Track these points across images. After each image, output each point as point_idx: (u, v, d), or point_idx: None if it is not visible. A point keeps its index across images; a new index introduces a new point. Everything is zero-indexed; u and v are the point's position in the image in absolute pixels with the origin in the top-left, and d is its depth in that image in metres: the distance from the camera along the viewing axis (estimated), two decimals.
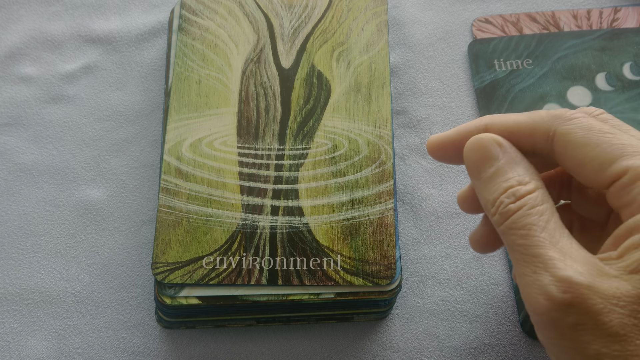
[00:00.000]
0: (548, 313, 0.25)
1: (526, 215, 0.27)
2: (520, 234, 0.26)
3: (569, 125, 0.28)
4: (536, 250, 0.26)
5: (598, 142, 0.27)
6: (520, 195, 0.27)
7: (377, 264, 0.35)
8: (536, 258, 0.25)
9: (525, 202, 0.27)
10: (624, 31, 0.44)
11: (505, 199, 0.27)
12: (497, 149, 0.29)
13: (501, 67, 0.44)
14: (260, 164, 0.37)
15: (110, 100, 0.43)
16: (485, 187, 0.28)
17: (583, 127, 0.28)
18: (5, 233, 0.39)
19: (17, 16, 0.46)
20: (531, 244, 0.26)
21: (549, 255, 0.25)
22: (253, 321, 0.36)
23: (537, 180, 0.28)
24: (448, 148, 0.31)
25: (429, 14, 0.46)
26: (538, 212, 0.27)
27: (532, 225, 0.26)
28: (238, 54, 0.41)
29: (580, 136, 0.27)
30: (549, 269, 0.25)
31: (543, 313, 0.25)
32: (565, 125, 0.28)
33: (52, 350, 0.36)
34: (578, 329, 0.24)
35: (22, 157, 0.41)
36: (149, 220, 0.40)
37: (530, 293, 0.25)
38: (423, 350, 0.36)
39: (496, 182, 0.28)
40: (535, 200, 0.27)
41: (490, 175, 0.28)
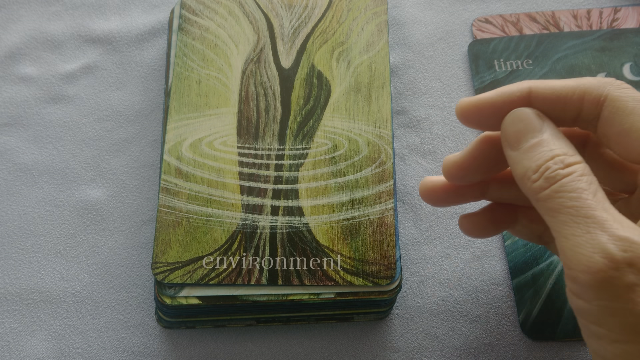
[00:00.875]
0: (605, 271, 0.24)
1: (577, 180, 0.26)
2: (570, 196, 0.26)
3: (621, 92, 0.27)
4: (590, 211, 0.25)
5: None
6: (569, 163, 0.27)
7: (377, 264, 0.35)
8: (590, 219, 0.25)
9: (574, 170, 0.26)
10: (624, 32, 0.44)
11: (553, 164, 0.27)
12: (540, 122, 0.28)
13: (501, 68, 0.44)
14: (260, 164, 0.37)
15: (110, 100, 0.43)
16: (527, 155, 0.28)
17: (635, 97, 0.27)
18: (5, 233, 0.39)
19: (17, 16, 0.46)
20: (584, 206, 0.25)
21: (603, 216, 0.25)
22: (253, 321, 0.36)
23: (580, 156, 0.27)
24: (486, 111, 0.30)
25: (429, 14, 0.46)
26: (587, 180, 0.26)
27: (584, 189, 0.26)
28: (238, 54, 0.41)
29: (631, 105, 0.27)
30: (606, 229, 0.24)
31: (599, 272, 0.24)
32: (618, 91, 0.27)
33: (52, 350, 0.36)
34: (636, 290, 0.24)
35: (22, 157, 0.41)
36: (149, 220, 0.40)
37: (582, 252, 0.25)
38: (423, 350, 0.36)
39: (540, 150, 0.27)
40: (584, 170, 0.26)
41: (533, 145, 0.28)
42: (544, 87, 0.29)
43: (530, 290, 0.37)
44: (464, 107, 0.30)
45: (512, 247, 0.39)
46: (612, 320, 0.25)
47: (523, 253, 0.38)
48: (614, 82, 0.28)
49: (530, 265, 0.38)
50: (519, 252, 0.38)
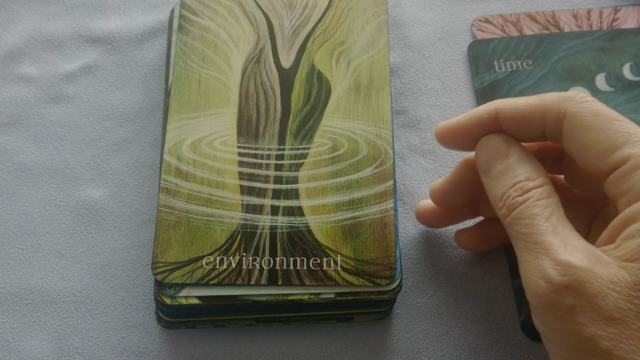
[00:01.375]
0: (547, 295, 0.26)
1: (531, 206, 0.27)
2: (524, 223, 0.27)
3: (579, 107, 0.28)
4: (539, 237, 0.26)
5: (604, 128, 0.28)
6: (527, 189, 0.28)
7: (377, 263, 0.35)
8: (538, 245, 0.26)
9: (531, 195, 0.28)
10: (624, 32, 0.44)
11: (513, 192, 0.28)
12: (507, 147, 0.30)
13: (501, 68, 0.44)
14: (260, 163, 0.37)
15: (110, 100, 0.43)
16: (495, 183, 0.29)
17: (592, 112, 0.28)
18: (5, 233, 0.39)
19: (17, 16, 0.46)
20: (534, 232, 0.27)
21: (550, 241, 0.26)
22: (253, 321, 0.36)
23: (545, 177, 0.29)
24: (459, 134, 0.32)
25: (429, 14, 0.46)
26: (543, 204, 0.27)
27: (536, 215, 0.27)
28: (238, 54, 0.41)
29: (588, 120, 0.28)
30: (549, 254, 0.26)
31: (542, 295, 0.26)
32: (576, 107, 0.28)
33: (52, 350, 0.36)
34: (575, 311, 0.25)
35: (22, 157, 0.41)
36: (149, 220, 0.40)
37: (530, 278, 0.26)
38: (423, 350, 0.36)
39: (505, 177, 0.29)
40: (541, 194, 0.28)
41: (500, 171, 0.29)
42: (509, 107, 0.30)
43: None
44: (439, 132, 0.32)
45: (512, 247, 0.39)
46: (560, 340, 0.26)
47: None
48: (574, 96, 0.29)
49: None
50: None
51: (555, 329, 0.26)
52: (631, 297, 0.25)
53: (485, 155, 0.30)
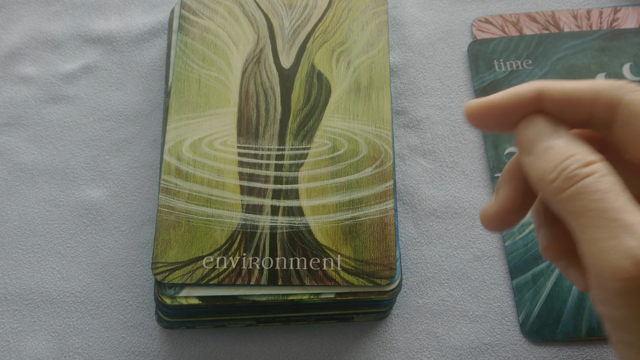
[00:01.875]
0: (635, 278, 0.23)
1: (599, 180, 0.25)
2: (593, 198, 0.24)
3: (636, 95, 0.26)
4: (615, 214, 0.24)
5: None
6: (590, 162, 0.25)
7: (377, 264, 0.35)
8: (616, 222, 0.24)
9: (597, 169, 0.25)
10: (624, 32, 0.44)
11: (572, 163, 0.25)
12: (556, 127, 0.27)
13: (501, 68, 0.44)
14: (260, 164, 0.37)
15: (110, 100, 0.43)
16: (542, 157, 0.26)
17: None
18: (5, 233, 0.39)
19: (17, 16, 0.46)
20: (608, 208, 0.24)
21: (631, 219, 0.23)
22: (253, 321, 0.36)
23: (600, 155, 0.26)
24: (495, 113, 0.29)
25: (429, 14, 0.46)
26: (610, 180, 0.25)
27: (607, 190, 0.24)
28: (238, 54, 0.41)
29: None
30: (633, 232, 0.23)
31: (629, 278, 0.23)
32: (632, 95, 0.27)
33: (52, 350, 0.36)
34: None
35: (22, 157, 0.41)
36: (149, 220, 0.40)
37: (610, 258, 0.23)
38: (423, 350, 0.36)
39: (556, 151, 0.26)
40: (606, 169, 0.25)
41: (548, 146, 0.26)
42: (554, 89, 0.28)
43: (530, 290, 0.37)
44: (474, 109, 0.29)
45: (512, 247, 0.39)
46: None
47: (523, 253, 0.38)
48: (626, 85, 0.27)
49: (530, 266, 0.38)
50: (519, 252, 0.38)
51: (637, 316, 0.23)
52: None
53: (530, 131, 0.27)
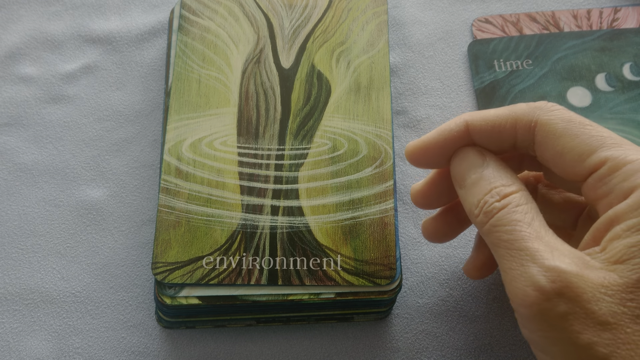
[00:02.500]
0: (537, 304, 0.25)
1: (511, 212, 0.27)
2: (505, 230, 0.26)
3: (550, 115, 0.28)
4: (522, 243, 0.26)
5: (578, 133, 0.27)
6: (505, 195, 0.27)
7: (377, 264, 0.35)
8: (523, 251, 0.25)
9: (509, 201, 0.27)
10: (624, 32, 0.44)
11: (490, 198, 0.28)
12: (482, 158, 0.29)
13: (501, 68, 0.44)
14: (260, 164, 0.37)
15: (110, 100, 0.43)
16: (470, 191, 0.29)
17: (564, 118, 0.28)
18: (5, 233, 0.39)
19: (17, 16, 0.46)
20: (517, 239, 0.26)
21: (535, 247, 0.25)
22: (253, 321, 0.36)
23: (521, 184, 0.28)
24: (430, 151, 0.31)
25: (429, 14, 0.46)
26: (522, 210, 0.27)
27: (518, 221, 0.26)
28: (238, 54, 0.41)
29: (561, 127, 0.28)
30: (536, 260, 0.25)
31: (532, 304, 0.25)
32: (547, 115, 0.28)
33: (52, 350, 0.36)
34: (568, 319, 0.24)
35: (22, 157, 0.41)
36: (149, 220, 0.40)
37: (517, 286, 0.25)
38: (423, 350, 0.36)
39: (480, 185, 0.28)
40: (520, 199, 0.27)
41: (475, 180, 0.29)
42: (479, 119, 0.30)
43: None
44: (411, 151, 0.31)
45: None
46: (554, 349, 0.25)
47: None
48: (544, 105, 0.29)
49: None
50: None
51: (549, 339, 0.25)
52: (624, 300, 0.24)
53: (460, 166, 0.30)
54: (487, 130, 0.30)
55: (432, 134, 0.31)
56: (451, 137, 0.30)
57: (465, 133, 0.30)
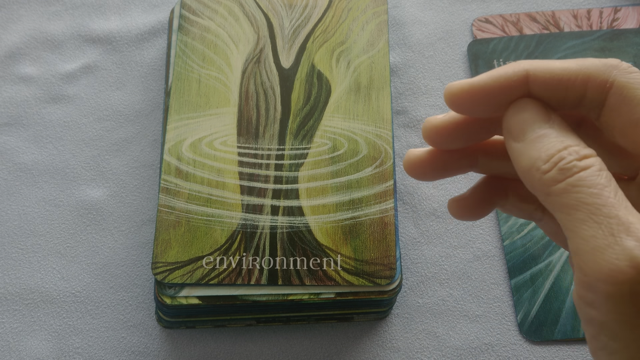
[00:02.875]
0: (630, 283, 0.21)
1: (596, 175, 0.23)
2: (590, 192, 0.23)
3: (629, 78, 0.25)
4: (613, 211, 0.22)
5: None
6: (586, 155, 0.24)
7: (377, 263, 0.35)
8: (613, 219, 0.22)
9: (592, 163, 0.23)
10: (624, 32, 0.44)
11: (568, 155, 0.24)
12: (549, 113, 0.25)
13: None
14: (260, 163, 0.37)
15: (110, 100, 0.43)
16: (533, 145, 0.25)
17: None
18: (5, 233, 0.39)
19: (17, 16, 0.46)
20: (606, 204, 0.22)
21: (630, 219, 0.22)
22: (253, 321, 0.36)
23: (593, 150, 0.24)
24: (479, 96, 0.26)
25: (429, 14, 0.46)
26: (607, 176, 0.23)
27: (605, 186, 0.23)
28: (238, 54, 0.41)
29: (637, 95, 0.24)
30: (631, 233, 0.22)
31: (624, 282, 0.21)
32: (625, 77, 0.25)
33: (52, 350, 0.36)
34: None
35: (22, 157, 0.41)
36: (149, 220, 0.40)
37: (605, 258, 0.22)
38: (423, 350, 0.36)
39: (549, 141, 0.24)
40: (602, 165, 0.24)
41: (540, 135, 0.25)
42: (542, 70, 0.26)
43: (529, 290, 0.37)
44: (455, 92, 0.27)
45: (510, 247, 0.39)
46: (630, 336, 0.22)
47: (521, 253, 0.38)
48: (620, 65, 0.25)
49: (528, 265, 0.38)
50: (518, 252, 0.38)
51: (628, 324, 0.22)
52: None
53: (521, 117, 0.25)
54: (553, 84, 0.26)
55: (484, 77, 0.26)
56: (507, 85, 0.26)
57: (523, 83, 0.26)
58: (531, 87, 0.26)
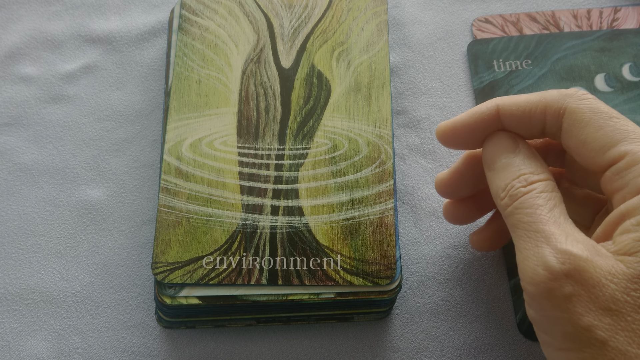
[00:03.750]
0: (545, 283, 0.26)
1: (534, 197, 0.28)
2: (526, 212, 0.28)
3: (579, 104, 0.29)
4: (540, 226, 0.27)
5: (603, 125, 0.28)
6: (532, 181, 0.28)
7: (377, 263, 0.35)
8: (539, 233, 0.27)
9: (535, 187, 0.28)
10: (624, 32, 0.44)
11: (517, 183, 0.29)
12: (515, 144, 0.30)
13: (500, 68, 0.44)
14: (260, 163, 0.37)
15: (110, 100, 0.43)
16: (499, 175, 0.30)
17: (592, 108, 0.29)
18: (5, 233, 0.39)
19: (17, 16, 0.46)
20: (535, 221, 0.27)
21: (551, 230, 0.26)
22: (253, 321, 0.36)
23: (549, 173, 0.29)
24: (460, 133, 0.32)
25: (429, 14, 0.46)
26: (546, 197, 0.28)
27: (539, 205, 0.27)
28: (238, 54, 0.41)
29: (588, 116, 0.28)
30: (550, 242, 0.26)
31: (539, 283, 0.26)
32: (576, 103, 0.29)
33: (52, 350, 0.36)
34: (573, 300, 0.25)
35: (22, 157, 0.41)
36: (149, 220, 0.40)
37: (529, 265, 0.26)
38: (423, 350, 0.36)
39: (510, 170, 0.29)
40: (545, 187, 0.28)
41: (505, 164, 0.30)
42: (510, 104, 0.31)
43: None
44: (442, 131, 0.33)
45: (510, 247, 0.39)
46: (555, 329, 0.26)
47: None
48: (575, 93, 0.29)
49: None
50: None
51: (551, 318, 0.26)
52: (628, 289, 0.25)
53: (493, 149, 0.31)
54: (518, 115, 0.30)
55: (464, 116, 0.32)
56: (482, 120, 0.31)
57: (496, 117, 0.31)
58: (502, 120, 0.31)
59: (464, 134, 0.32)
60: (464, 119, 0.32)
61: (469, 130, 0.32)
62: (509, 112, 0.31)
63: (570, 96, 0.29)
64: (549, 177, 0.29)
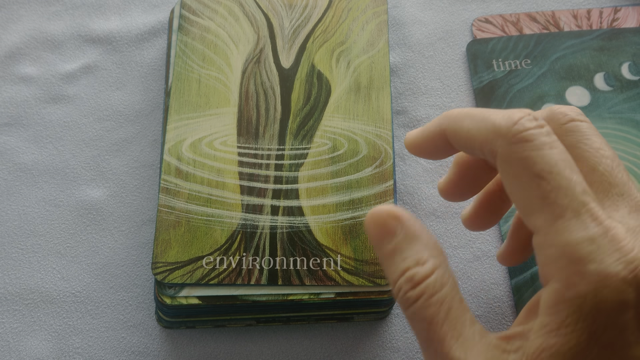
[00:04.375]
0: None
1: (426, 306, 0.26)
2: (422, 326, 0.26)
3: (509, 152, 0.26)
4: (439, 347, 0.26)
5: (526, 186, 0.26)
6: (418, 281, 0.26)
7: (377, 263, 0.35)
8: (437, 352, 0.26)
9: (423, 290, 0.26)
10: (623, 31, 0.44)
11: (405, 284, 0.26)
12: (394, 224, 0.27)
13: (499, 67, 0.44)
14: (260, 163, 0.38)
15: (110, 100, 0.43)
16: (386, 264, 0.27)
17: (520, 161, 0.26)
18: (5, 233, 0.39)
19: (17, 16, 0.46)
20: (434, 339, 0.26)
21: (450, 356, 0.25)
22: (253, 321, 0.36)
23: (436, 256, 0.27)
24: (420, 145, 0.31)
25: (429, 14, 0.46)
26: (438, 301, 0.26)
27: (433, 317, 0.26)
28: (238, 54, 0.41)
29: (514, 171, 0.26)
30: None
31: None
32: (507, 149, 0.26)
33: (52, 350, 0.36)
34: None
35: (22, 157, 0.41)
36: (149, 220, 0.40)
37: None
38: None
39: (395, 261, 0.27)
40: (434, 286, 0.26)
41: (389, 252, 0.27)
42: (452, 130, 0.29)
43: (529, 290, 0.37)
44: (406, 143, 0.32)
45: None
46: None
47: None
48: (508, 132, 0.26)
49: (529, 265, 0.38)
50: None
51: None
52: None
53: (374, 231, 0.28)
54: (461, 142, 0.29)
55: (418, 132, 0.31)
56: (433, 137, 0.30)
57: (444, 136, 0.30)
58: (449, 140, 0.30)
59: (423, 147, 0.31)
60: (419, 134, 0.31)
61: (426, 145, 0.31)
62: (453, 136, 0.29)
63: (502, 137, 0.26)
64: (436, 262, 0.27)
